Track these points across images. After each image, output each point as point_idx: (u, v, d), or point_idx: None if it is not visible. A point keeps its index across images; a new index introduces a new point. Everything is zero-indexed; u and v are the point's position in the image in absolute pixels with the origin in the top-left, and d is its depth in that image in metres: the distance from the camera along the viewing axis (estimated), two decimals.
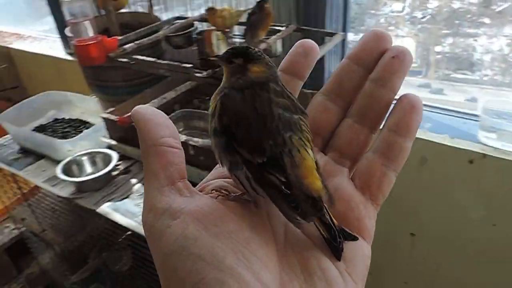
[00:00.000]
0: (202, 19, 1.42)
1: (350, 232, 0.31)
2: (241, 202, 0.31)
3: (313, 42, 0.36)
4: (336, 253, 0.30)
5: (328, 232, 0.30)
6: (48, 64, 2.21)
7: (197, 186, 0.34)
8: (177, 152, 0.31)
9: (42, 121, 1.63)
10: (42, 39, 2.37)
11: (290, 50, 0.36)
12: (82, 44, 1.04)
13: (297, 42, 0.36)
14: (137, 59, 1.13)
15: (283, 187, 0.29)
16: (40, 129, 1.56)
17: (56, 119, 1.63)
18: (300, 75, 0.36)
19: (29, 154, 1.44)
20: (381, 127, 0.35)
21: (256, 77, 0.32)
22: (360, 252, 0.31)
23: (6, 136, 1.56)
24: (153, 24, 1.42)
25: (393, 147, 0.33)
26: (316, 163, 0.31)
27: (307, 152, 0.31)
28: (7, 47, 2.36)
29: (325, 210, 0.30)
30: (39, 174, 1.32)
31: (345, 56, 0.36)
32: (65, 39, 2.06)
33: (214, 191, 0.32)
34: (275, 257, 0.29)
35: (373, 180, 0.33)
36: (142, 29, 1.36)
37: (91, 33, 1.05)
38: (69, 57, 2.08)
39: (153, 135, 0.30)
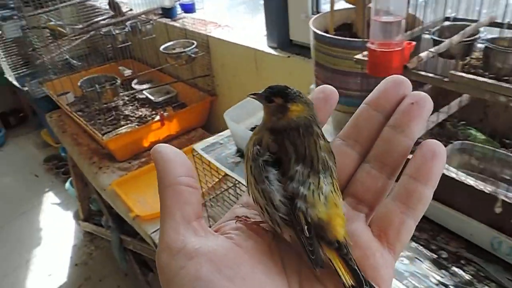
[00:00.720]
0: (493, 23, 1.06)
1: (372, 283, 0.29)
2: (258, 231, 0.32)
3: (332, 88, 0.36)
4: None
5: (352, 279, 0.28)
6: (246, 56, 2.13)
7: (213, 227, 0.33)
8: (194, 192, 0.31)
9: (254, 121, 1.51)
10: (243, 29, 2.32)
11: (312, 95, 0.37)
12: (385, 50, 0.80)
13: (317, 88, 0.37)
14: (463, 77, 0.79)
15: (306, 228, 0.29)
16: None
17: None
18: (320, 120, 0.36)
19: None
20: (400, 173, 0.34)
21: (297, 116, 0.32)
22: None
23: (221, 134, 1.48)
24: (418, 28, 1.11)
25: (413, 195, 0.32)
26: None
27: (338, 196, 0.31)
28: (207, 35, 2.37)
29: (351, 256, 0.29)
30: None
31: (364, 101, 0.36)
32: (273, 31, 1.93)
33: (236, 217, 0.33)
34: None
35: (391, 228, 0.32)
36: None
37: (398, 36, 0.79)
38: (271, 51, 1.95)
39: (171, 174, 0.31)
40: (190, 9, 2.37)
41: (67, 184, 3.65)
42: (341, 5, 1.28)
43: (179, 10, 2.49)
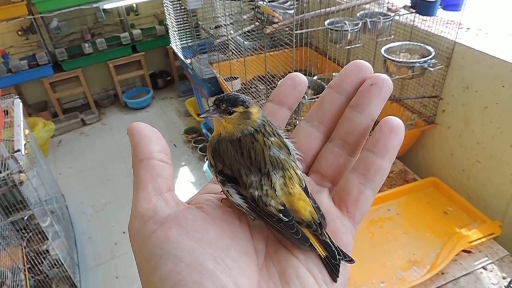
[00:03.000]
0: None
1: (346, 253, 0.33)
2: (230, 212, 0.34)
3: (302, 75, 0.39)
4: (334, 273, 0.32)
5: (326, 251, 0.32)
6: None
7: (186, 201, 0.35)
8: (166, 166, 0.33)
9: None
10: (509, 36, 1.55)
11: (280, 82, 0.40)
12: None
13: (287, 75, 0.40)
14: None
15: (281, 215, 0.33)
16: None
17: None
18: (288, 105, 0.39)
19: None
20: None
21: (258, 118, 0.36)
22: None
23: None
24: None
25: (371, 167, 0.34)
26: (306, 189, 0.35)
27: (294, 184, 0.34)
28: (454, 42, 1.66)
29: (322, 231, 0.33)
30: None
31: (327, 85, 0.39)
32: None
33: (222, 192, 0.36)
34: (254, 266, 0.32)
35: (350, 197, 0.35)
36: None
37: None
38: None
39: (145, 149, 0.33)
40: (455, 6, 1.65)
41: (205, 166, 3.43)
42: None
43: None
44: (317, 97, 0.67)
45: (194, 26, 2.91)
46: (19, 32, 3.80)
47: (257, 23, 1.96)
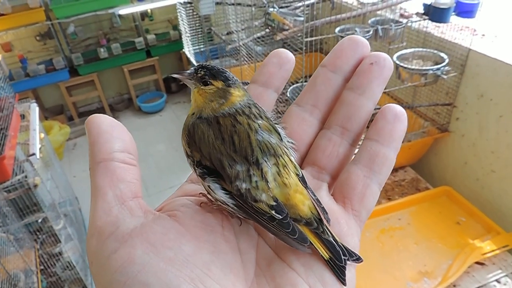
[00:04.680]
0: None
1: (352, 251, 0.29)
2: (213, 210, 0.30)
3: (288, 52, 0.35)
4: (340, 275, 0.27)
5: (329, 251, 0.28)
6: None
7: (157, 207, 0.30)
8: (130, 169, 0.28)
9: None
10: None
11: (264, 60, 0.35)
12: None
13: (272, 52, 0.35)
14: None
15: (273, 212, 0.28)
16: None
17: None
18: (275, 87, 0.35)
19: None
20: (362, 138, 0.31)
21: (239, 102, 0.31)
22: None
23: None
24: None
25: (376, 158, 0.31)
26: (303, 179, 0.30)
27: (290, 173, 0.30)
28: (468, 49, 1.63)
29: (323, 228, 0.29)
30: None
31: (320, 64, 0.35)
32: None
33: (201, 194, 0.32)
34: (242, 283, 0.27)
35: (355, 192, 0.31)
36: None
37: None
38: None
39: (103, 149, 0.27)
40: (469, 13, 1.63)
41: None
42: None
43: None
44: None
45: (207, 31, 2.94)
46: (37, 37, 3.90)
47: (267, 30, 1.96)
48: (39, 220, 2.28)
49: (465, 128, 1.77)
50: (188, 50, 3.12)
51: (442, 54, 1.68)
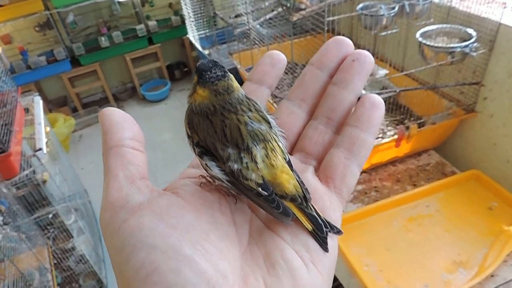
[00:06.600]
0: None
1: (334, 225, 0.32)
2: (218, 194, 0.33)
3: (280, 53, 0.38)
4: (323, 244, 0.31)
5: (312, 224, 0.31)
6: None
7: (163, 189, 0.34)
8: (138, 154, 0.32)
9: None
10: None
11: (259, 61, 0.39)
12: None
13: (265, 53, 0.39)
14: None
15: (260, 189, 0.32)
16: None
17: None
18: (268, 84, 0.39)
19: None
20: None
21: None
22: None
23: None
24: None
25: (355, 141, 0.34)
26: (289, 162, 0.34)
27: (277, 156, 0.33)
28: (499, 23, 1.52)
29: (307, 204, 0.32)
30: None
31: (308, 62, 0.39)
32: None
33: (200, 176, 0.35)
34: (236, 250, 0.30)
35: (337, 172, 0.34)
36: None
37: None
38: None
39: (115, 137, 0.31)
40: None
41: None
42: None
43: None
44: None
45: (212, 15, 2.82)
46: (36, 28, 3.78)
47: (280, 10, 1.85)
48: (50, 216, 2.23)
49: (494, 108, 1.67)
50: (193, 35, 3.01)
51: (470, 30, 1.57)
